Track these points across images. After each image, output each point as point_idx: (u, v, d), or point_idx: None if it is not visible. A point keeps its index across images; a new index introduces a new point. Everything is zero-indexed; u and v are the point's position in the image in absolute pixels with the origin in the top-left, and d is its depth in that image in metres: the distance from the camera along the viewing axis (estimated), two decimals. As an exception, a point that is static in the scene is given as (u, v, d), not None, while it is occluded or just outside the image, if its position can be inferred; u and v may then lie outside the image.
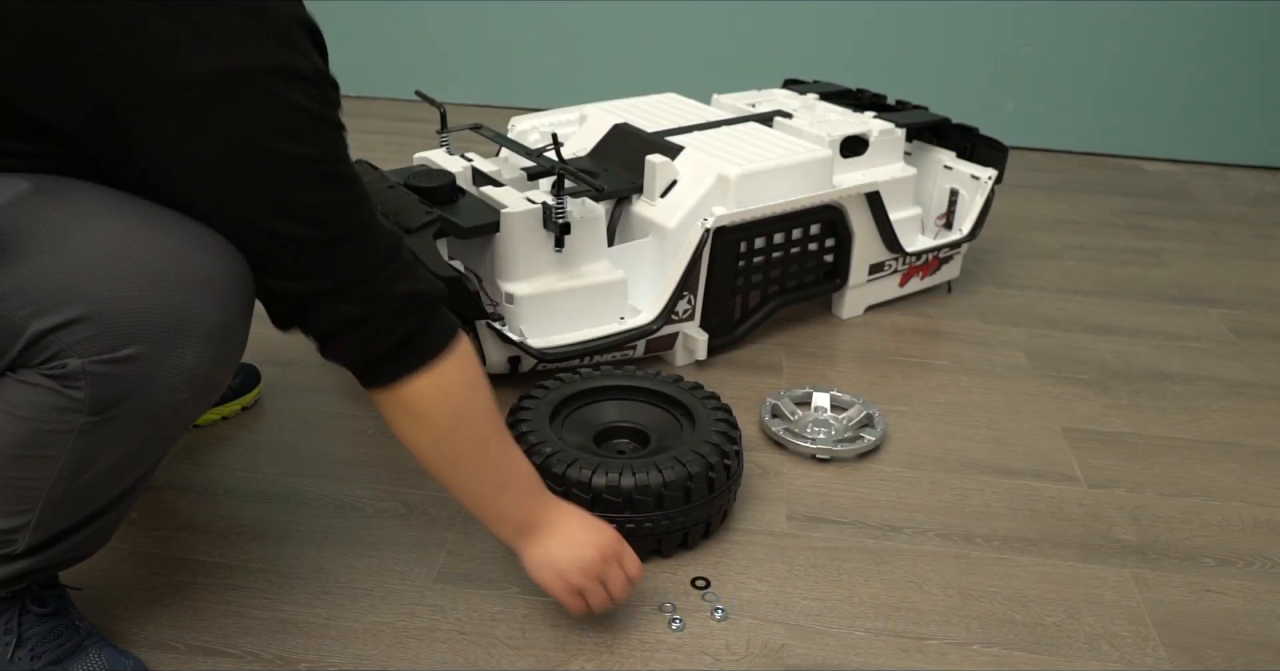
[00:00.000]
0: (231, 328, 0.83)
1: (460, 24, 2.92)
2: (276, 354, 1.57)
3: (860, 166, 1.73)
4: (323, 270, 0.84)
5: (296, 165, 0.80)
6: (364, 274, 0.85)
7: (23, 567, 0.88)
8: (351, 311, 0.86)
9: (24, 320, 0.75)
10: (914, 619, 1.11)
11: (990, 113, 2.80)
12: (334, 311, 0.86)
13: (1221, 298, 1.94)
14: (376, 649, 1.04)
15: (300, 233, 0.82)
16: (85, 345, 0.76)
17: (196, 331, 0.80)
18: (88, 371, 0.77)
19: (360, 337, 0.87)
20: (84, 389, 0.78)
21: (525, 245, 1.42)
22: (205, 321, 0.80)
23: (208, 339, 0.81)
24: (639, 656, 1.05)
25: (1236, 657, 1.08)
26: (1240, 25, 2.61)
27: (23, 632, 0.93)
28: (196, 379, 0.82)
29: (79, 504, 0.86)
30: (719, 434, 1.20)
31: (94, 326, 0.76)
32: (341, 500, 1.27)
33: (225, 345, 0.83)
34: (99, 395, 0.78)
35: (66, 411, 0.79)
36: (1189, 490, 1.35)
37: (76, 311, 0.75)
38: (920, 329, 1.76)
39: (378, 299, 0.86)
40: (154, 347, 0.78)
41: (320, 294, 0.85)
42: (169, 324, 0.78)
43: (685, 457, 1.15)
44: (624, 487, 1.11)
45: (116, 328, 0.76)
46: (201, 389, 0.83)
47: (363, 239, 0.86)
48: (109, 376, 0.78)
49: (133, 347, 0.77)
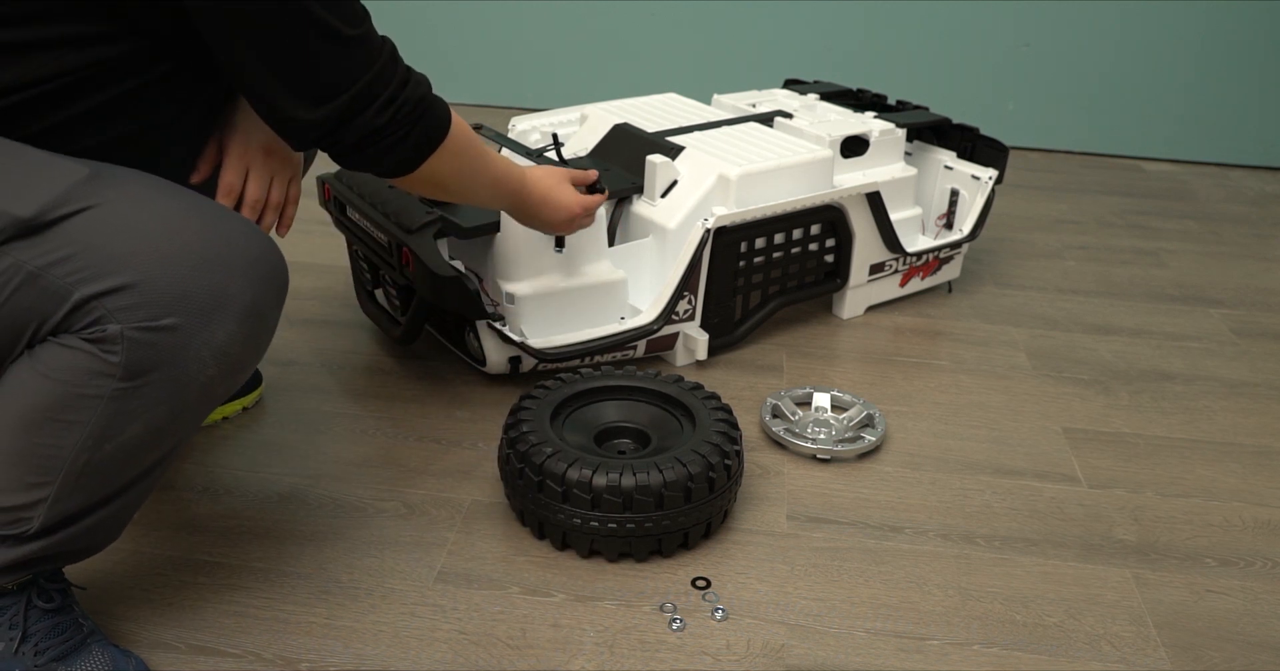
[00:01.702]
0: (264, 311, 0.87)
1: (460, 24, 2.92)
2: (277, 354, 1.57)
3: (861, 166, 1.73)
4: (344, 81, 0.90)
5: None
6: (378, 82, 0.92)
7: (33, 550, 0.89)
8: (377, 121, 0.94)
9: (71, 285, 0.79)
10: (914, 619, 1.11)
11: (990, 113, 2.80)
12: (359, 125, 0.93)
13: (1222, 298, 1.94)
14: (377, 648, 1.04)
15: (324, 47, 0.88)
16: (127, 312, 0.80)
17: (232, 309, 0.84)
18: (126, 336, 0.80)
19: (387, 144, 0.96)
20: (120, 353, 0.81)
21: (526, 245, 1.42)
22: (242, 301, 0.84)
23: (241, 318, 0.85)
24: (639, 656, 1.05)
25: (1237, 658, 1.08)
26: (1240, 25, 2.61)
27: (28, 627, 0.94)
28: (227, 356, 0.86)
29: (98, 480, 0.87)
30: (719, 434, 1.20)
31: (138, 294, 0.80)
32: (342, 500, 1.27)
33: (256, 326, 0.87)
34: (134, 361, 0.81)
35: (100, 376, 0.82)
36: (1190, 490, 1.35)
37: (123, 279, 0.79)
38: (921, 329, 1.76)
39: (397, 105, 0.95)
40: (192, 320, 0.82)
41: (344, 110, 0.91)
42: (208, 299, 0.82)
43: (686, 458, 1.15)
44: (624, 488, 1.11)
45: (159, 298, 0.80)
46: (229, 366, 0.87)
47: (372, 44, 0.92)
48: (146, 343, 0.81)
49: (172, 318, 0.81)
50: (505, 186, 1.20)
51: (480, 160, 1.12)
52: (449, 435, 1.40)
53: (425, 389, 1.51)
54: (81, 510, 0.89)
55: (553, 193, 1.29)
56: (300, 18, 0.86)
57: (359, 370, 1.55)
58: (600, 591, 1.13)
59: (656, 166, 1.55)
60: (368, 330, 1.67)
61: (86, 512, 0.90)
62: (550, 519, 1.16)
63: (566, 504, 1.14)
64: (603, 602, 1.12)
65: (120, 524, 0.94)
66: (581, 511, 1.13)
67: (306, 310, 1.72)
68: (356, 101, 0.91)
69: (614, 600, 1.12)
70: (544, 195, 1.28)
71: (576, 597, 1.12)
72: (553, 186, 1.30)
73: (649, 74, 2.89)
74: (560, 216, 1.31)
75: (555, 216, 1.30)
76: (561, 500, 1.14)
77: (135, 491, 0.92)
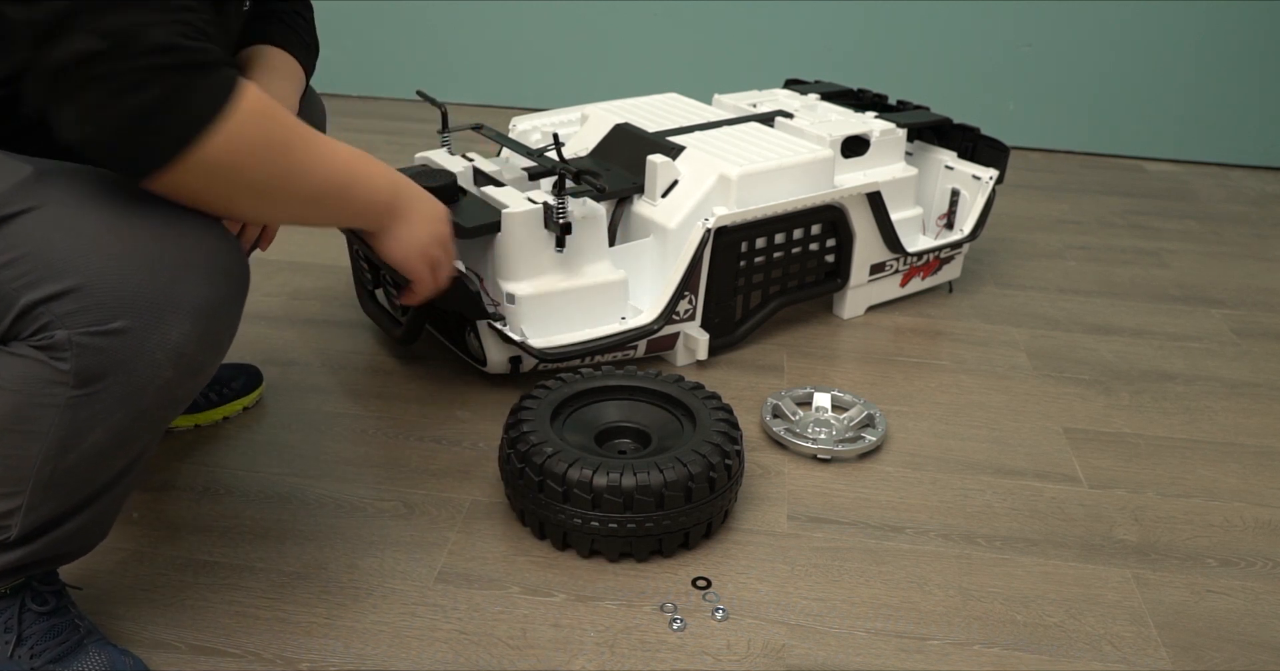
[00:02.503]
0: (220, 309, 0.84)
1: (461, 24, 2.92)
2: (277, 354, 1.57)
3: (861, 166, 1.73)
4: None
5: None
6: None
7: (18, 557, 0.88)
8: (94, 45, 0.71)
9: (17, 291, 0.77)
10: (915, 619, 1.11)
11: (991, 113, 2.80)
12: (67, 47, 0.71)
13: (1223, 298, 1.94)
14: (377, 648, 1.04)
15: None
16: (74, 317, 0.77)
17: (184, 308, 0.81)
18: (74, 342, 0.78)
19: (101, 91, 0.72)
20: (70, 360, 0.78)
21: (526, 245, 1.42)
22: (194, 299, 0.81)
23: (195, 317, 0.81)
24: (640, 656, 1.05)
25: (1238, 658, 1.08)
26: (1240, 25, 2.61)
27: (23, 631, 0.93)
28: (182, 357, 0.82)
29: (69, 487, 0.86)
30: (720, 434, 1.20)
31: (84, 298, 0.77)
32: (343, 500, 1.27)
33: (212, 325, 0.83)
34: (84, 367, 0.79)
35: (53, 384, 0.79)
36: (1190, 490, 1.35)
37: (67, 283, 0.77)
38: (921, 329, 1.76)
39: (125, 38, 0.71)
40: (142, 322, 0.79)
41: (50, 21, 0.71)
42: (158, 299, 0.79)
43: (686, 458, 1.15)
44: (625, 488, 1.11)
45: (105, 300, 0.77)
46: (187, 367, 0.84)
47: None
48: (95, 348, 0.78)
49: (121, 321, 0.78)
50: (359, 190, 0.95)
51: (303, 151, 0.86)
52: (449, 435, 1.40)
53: (426, 389, 1.51)
54: (59, 516, 0.88)
55: (427, 203, 1.06)
56: None
57: (360, 370, 1.55)
58: (601, 591, 1.13)
59: (657, 166, 1.55)
60: (368, 330, 1.67)
61: (65, 518, 0.88)
62: (551, 519, 1.16)
63: (567, 504, 1.14)
64: (603, 602, 1.11)
65: (105, 525, 0.93)
66: (582, 511, 1.13)
67: (307, 310, 1.72)
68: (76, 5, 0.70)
69: (615, 600, 1.12)
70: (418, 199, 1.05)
71: (577, 597, 1.12)
72: (428, 199, 1.07)
73: (649, 74, 2.89)
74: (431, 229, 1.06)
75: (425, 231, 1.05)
76: (562, 500, 1.14)
77: (113, 494, 0.90)
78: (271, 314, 1.70)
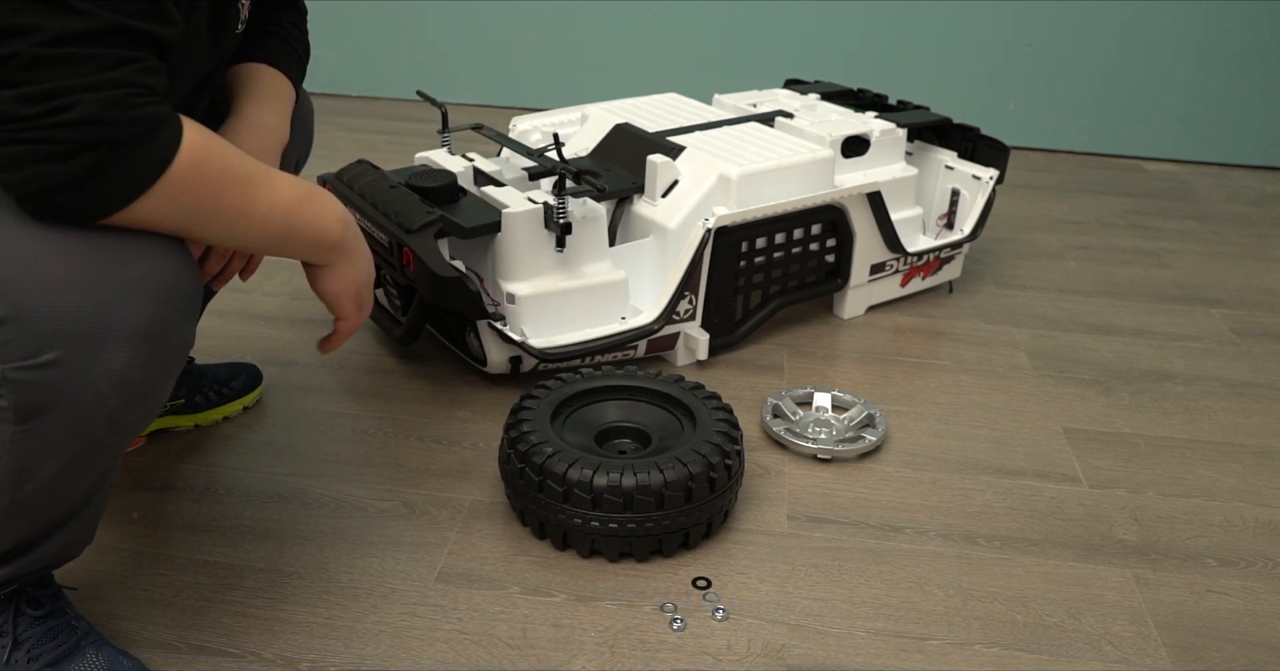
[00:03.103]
0: (165, 330, 0.78)
1: (461, 24, 2.92)
2: (277, 354, 1.57)
3: (861, 166, 1.73)
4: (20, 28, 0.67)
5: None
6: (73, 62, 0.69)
7: (3, 574, 0.87)
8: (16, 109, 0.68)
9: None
10: (915, 619, 1.11)
11: (991, 113, 2.80)
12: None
13: (1223, 298, 1.94)
14: (378, 648, 1.04)
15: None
16: (5, 350, 0.72)
17: (124, 334, 0.75)
18: (8, 378, 0.73)
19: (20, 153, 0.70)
20: (6, 396, 0.74)
21: (527, 245, 1.42)
22: (134, 323, 0.75)
23: (137, 341, 0.76)
24: (640, 656, 1.05)
25: (1238, 658, 1.08)
26: (1240, 25, 2.61)
27: (18, 635, 0.93)
28: (127, 384, 0.77)
29: (33, 514, 0.83)
30: (720, 434, 1.20)
31: (14, 330, 0.72)
32: (343, 500, 1.27)
33: (157, 348, 0.78)
34: (22, 403, 0.74)
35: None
36: (1190, 490, 1.35)
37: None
38: (921, 329, 1.76)
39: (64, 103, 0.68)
40: (77, 352, 0.74)
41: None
42: (93, 326, 0.74)
43: (686, 458, 1.15)
44: (625, 488, 1.11)
45: (37, 330, 0.72)
46: (135, 395, 0.79)
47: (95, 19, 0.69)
48: (30, 383, 0.74)
49: (54, 352, 0.73)
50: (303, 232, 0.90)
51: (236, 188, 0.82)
52: (449, 435, 1.40)
53: (426, 389, 1.51)
54: (33, 537, 0.86)
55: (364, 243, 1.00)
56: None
57: (359, 370, 1.55)
58: (601, 591, 1.13)
59: (657, 166, 1.55)
60: (368, 330, 1.67)
61: (40, 539, 0.86)
62: (551, 519, 1.16)
63: (567, 504, 1.14)
64: (603, 602, 1.11)
65: (87, 535, 0.91)
66: (582, 511, 1.13)
67: (307, 310, 1.72)
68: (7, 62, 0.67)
69: (615, 600, 1.12)
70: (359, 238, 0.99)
71: (577, 597, 1.12)
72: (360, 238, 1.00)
73: (649, 74, 2.89)
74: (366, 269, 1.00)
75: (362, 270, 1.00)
76: (562, 500, 1.14)
77: (86, 511, 0.88)
78: (271, 314, 1.70)
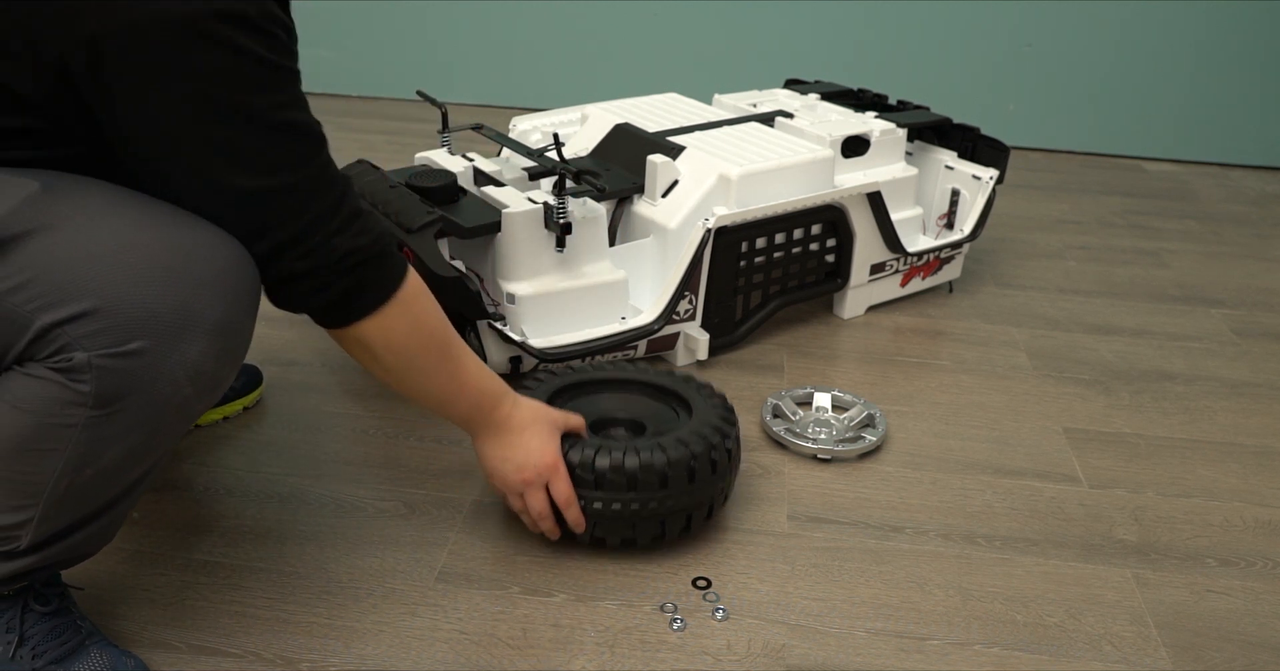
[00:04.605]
0: (237, 324, 0.84)
1: (461, 24, 2.92)
2: (278, 354, 1.57)
3: (862, 166, 1.73)
4: (272, 223, 0.85)
5: (248, 114, 0.81)
6: (309, 228, 0.87)
7: (26, 564, 0.88)
8: (296, 267, 0.88)
9: (32, 313, 0.76)
10: (915, 619, 1.11)
11: (991, 113, 2.80)
12: (280, 268, 0.88)
13: (1223, 298, 1.94)
14: (378, 648, 1.04)
15: (257, 183, 0.83)
16: (92, 339, 0.77)
17: (202, 327, 0.81)
18: (94, 365, 0.77)
19: (303, 290, 0.90)
20: (90, 382, 0.78)
21: (527, 245, 1.42)
22: (211, 317, 0.81)
23: (213, 334, 0.82)
24: (640, 656, 1.05)
25: (1238, 658, 1.08)
26: (1240, 25, 2.61)
27: (25, 631, 0.93)
28: (201, 374, 0.83)
29: (82, 500, 0.86)
30: (719, 417, 1.19)
31: (102, 320, 0.77)
32: (343, 500, 1.27)
33: (230, 341, 0.84)
34: (104, 389, 0.79)
35: (71, 405, 0.79)
36: (1190, 490, 1.35)
37: (85, 305, 0.76)
38: (921, 329, 1.76)
39: (319, 254, 0.88)
40: (160, 342, 0.79)
41: (269, 250, 0.87)
42: (175, 319, 0.79)
43: (688, 438, 1.14)
44: (629, 468, 1.10)
45: (124, 322, 0.77)
46: (205, 385, 0.84)
47: (313, 188, 0.87)
48: (115, 370, 0.78)
49: (139, 342, 0.78)
50: (472, 393, 1.05)
51: (444, 349, 1.01)
52: (449, 435, 1.40)
53: (426, 389, 1.51)
54: (69, 526, 0.88)
55: (532, 431, 1.10)
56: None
57: (360, 370, 1.55)
58: (601, 591, 1.13)
59: (657, 166, 1.55)
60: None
61: (76, 528, 0.89)
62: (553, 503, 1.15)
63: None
64: (603, 602, 1.11)
65: (112, 531, 0.93)
66: (584, 492, 1.12)
67: (307, 310, 1.72)
68: (280, 246, 0.87)
69: (615, 600, 1.12)
70: (522, 428, 1.10)
71: (577, 597, 1.12)
72: (537, 424, 1.11)
73: (649, 74, 2.89)
74: (530, 461, 1.09)
75: (524, 459, 1.09)
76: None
77: (123, 504, 0.91)
78: (271, 314, 1.70)
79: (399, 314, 0.95)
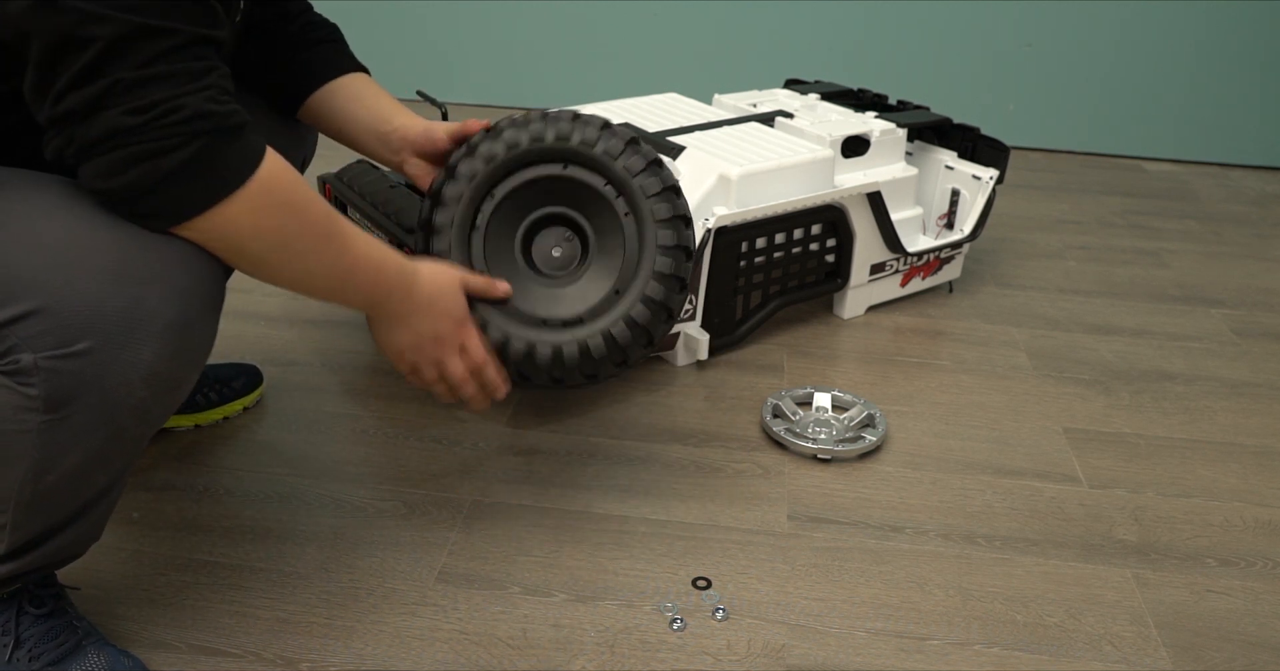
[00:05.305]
0: (191, 324, 0.80)
1: (461, 24, 2.92)
2: (278, 354, 1.57)
3: (862, 166, 1.73)
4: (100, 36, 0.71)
5: None
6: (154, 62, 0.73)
7: (10, 570, 0.88)
8: (127, 121, 0.73)
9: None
10: (915, 619, 1.11)
11: (991, 113, 2.80)
12: (109, 118, 0.73)
13: (1223, 298, 1.94)
14: (378, 648, 1.04)
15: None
16: (38, 340, 0.74)
17: (153, 327, 0.77)
18: (40, 367, 0.75)
19: (129, 156, 0.74)
20: (38, 386, 0.75)
21: (526, 245, 1.42)
22: (162, 317, 0.78)
23: (165, 335, 0.78)
24: (640, 656, 1.05)
25: (1238, 658, 1.08)
26: (1240, 25, 2.61)
27: (20, 633, 0.93)
28: (155, 376, 0.79)
29: (52, 506, 0.84)
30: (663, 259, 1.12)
31: (47, 320, 0.74)
32: (343, 500, 1.27)
33: (184, 342, 0.80)
34: (53, 391, 0.76)
35: (23, 410, 0.77)
36: (1190, 490, 1.35)
37: (29, 305, 0.73)
38: (921, 329, 1.76)
39: (165, 111, 0.73)
40: (108, 342, 0.76)
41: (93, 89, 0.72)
42: (123, 318, 0.76)
43: (633, 311, 1.11)
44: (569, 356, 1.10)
45: (69, 321, 0.74)
46: (162, 386, 0.81)
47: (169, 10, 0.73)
48: (62, 372, 0.75)
49: (85, 342, 0.75)
50: (366, 273, 0.92)
51: (317, 227, 0.86)
52: (449, 435, 1.40)
53: (426, 389, 1.51)
54: (46, 531, 0.86)
55: (439, 300, 1.00)
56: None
57: (360, 370, 1.55)
58: (601, 591, 1.13)
59: (657, 166, 1.55)
60: (369, 330, 1.67)
61: (53, 532, 0.87)
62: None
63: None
64: (603, 602, 1.11)
65: (96, 530, 0.92)
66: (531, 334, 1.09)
67: (308, 310, 1.72)
68: (113, 88, 0.72)
69: (614, 600, 1.12)
70: (430, 302, 1.00)
71: (577, 597, 1.12)
72: (442, 292, 1.00)
73: (649, 74, 2.89)
74: (441, 330, 1.01)
75: (432, 329, 1.00)
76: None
77: (101, 504, 0.89)
78: (271, 314, 1.70)
79: (265, 197, 0.81)
